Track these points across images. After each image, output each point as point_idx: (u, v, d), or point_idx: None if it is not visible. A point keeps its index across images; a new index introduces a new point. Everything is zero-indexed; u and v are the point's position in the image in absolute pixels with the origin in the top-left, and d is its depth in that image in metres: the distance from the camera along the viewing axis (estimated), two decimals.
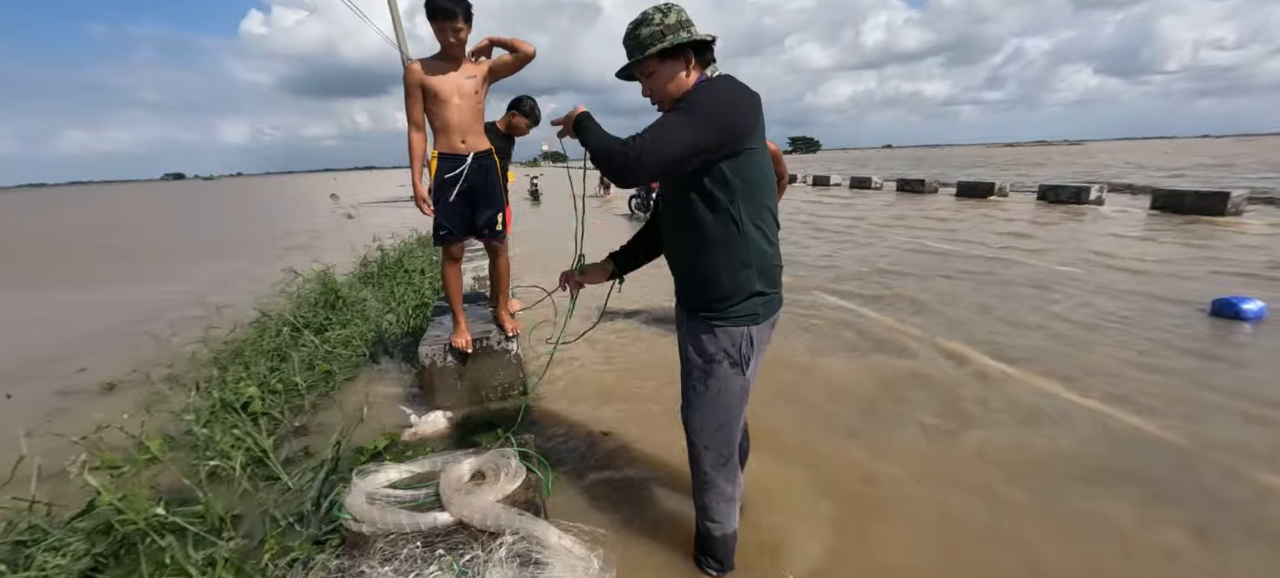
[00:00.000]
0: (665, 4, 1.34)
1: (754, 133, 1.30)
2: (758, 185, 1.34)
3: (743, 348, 1.40)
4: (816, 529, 1.95)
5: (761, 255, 1.37)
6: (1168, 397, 2.83)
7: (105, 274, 9.08)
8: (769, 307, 1.42)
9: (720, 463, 1.54)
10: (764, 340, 1.46)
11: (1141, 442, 2.45)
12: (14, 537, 1.83)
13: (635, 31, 1.34)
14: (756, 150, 1.32)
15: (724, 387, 1.45)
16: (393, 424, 2.76)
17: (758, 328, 1.41)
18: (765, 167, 1.36)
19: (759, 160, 1.34)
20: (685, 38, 1.30)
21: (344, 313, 4.29)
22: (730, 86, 1.29)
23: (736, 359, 1.42)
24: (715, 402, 1.47)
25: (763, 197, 1.36)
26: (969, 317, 4.22)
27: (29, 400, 3.51)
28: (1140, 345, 3.51)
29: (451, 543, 1.37)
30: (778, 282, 1.44)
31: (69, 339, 4.94)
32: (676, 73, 1.34)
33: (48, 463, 2.50)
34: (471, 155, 2.67)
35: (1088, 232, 8.05)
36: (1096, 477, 2.21)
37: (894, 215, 10.86)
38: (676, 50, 1.32)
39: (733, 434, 1.51)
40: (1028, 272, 5.60)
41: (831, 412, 2.81)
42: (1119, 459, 2.32)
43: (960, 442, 2.49)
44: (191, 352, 3.94)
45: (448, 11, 2.41)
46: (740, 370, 1.43)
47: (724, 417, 1.48)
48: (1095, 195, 11.27)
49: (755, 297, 1.38)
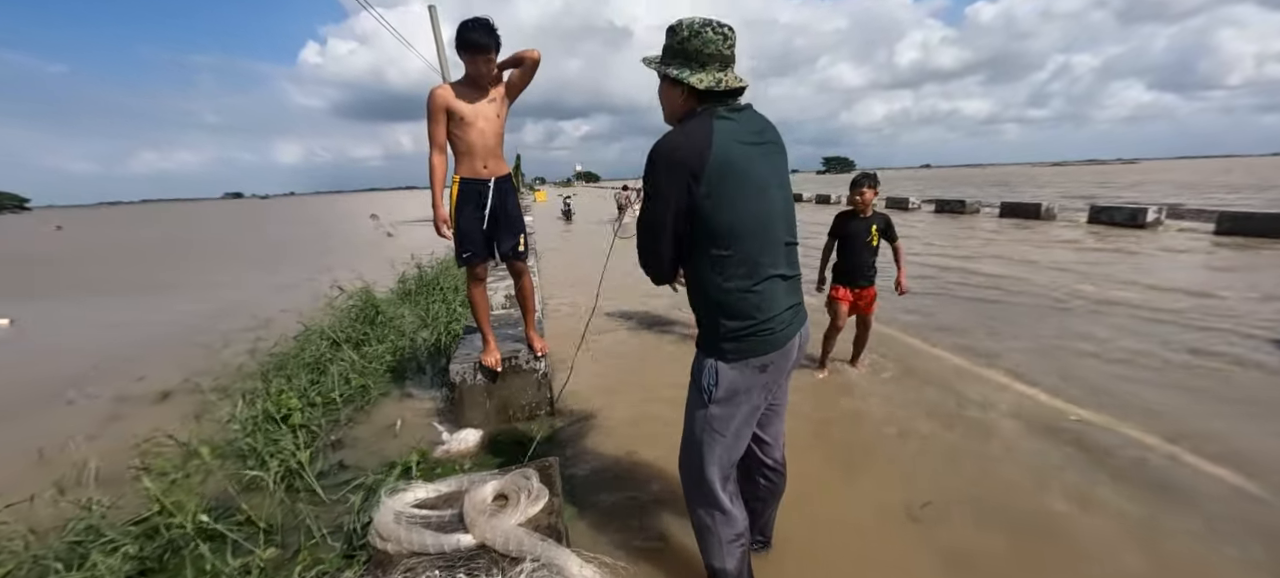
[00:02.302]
0: (702, 23, 1.32)
1: (700, 177, 1.27)
2: (727, 231, 1.31)
3: (707, 380, 1.42)
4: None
5: (723, 297, 1.35)
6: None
7: (168, 283, 9.68)
8: (741, 350, 1.37)
9: (691, 490, 1.54)
10: (743, 383, 1.40)
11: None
12: (71, 537, 1.94)
13: (668, 33, 1.36)
14: (717, 201, 1.29)
15: (691, 413, 1.49)
16: (425, 440, 2.81)
17: (727, 366, 1.39)
18: (742, 215, 1.31)
19: (727, 211, 1.30)
20: (672, 73, 1.34)
21: (381, 329, 4.43)
22: (670, 141, 1.32)
23: (702, 387, 1.43)
24: (685, 426, 1.52)
25: (738, 241, 1.32)
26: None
27: (92, 406, 3.74)
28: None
29: (472, 567, 1.38)
30: (757, 326, 1.36)
31: (133, 347, 5.28)
32: (674, 98, 1.40)
33: (105, 467, 2.66)
34: (494, 180, 2.72)
35: (1168, 262, 7.55)
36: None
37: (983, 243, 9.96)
38: (673, 80, 1.36)
39: (698, 463, 1.49)
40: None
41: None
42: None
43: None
44: (239, 363, 4.14)
45: (482, 45, 2.49)
46: (702, 402, 1.44)
47: (689, 441, 1.50)
48: (1152, 217, 10.68)
49: (727, 340, 1.37)
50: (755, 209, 1.33)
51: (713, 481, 1.49)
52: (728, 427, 1.46)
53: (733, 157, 1.29)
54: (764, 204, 1.35)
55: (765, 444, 1.66)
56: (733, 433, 1.47)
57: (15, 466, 2.87)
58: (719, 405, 1.42)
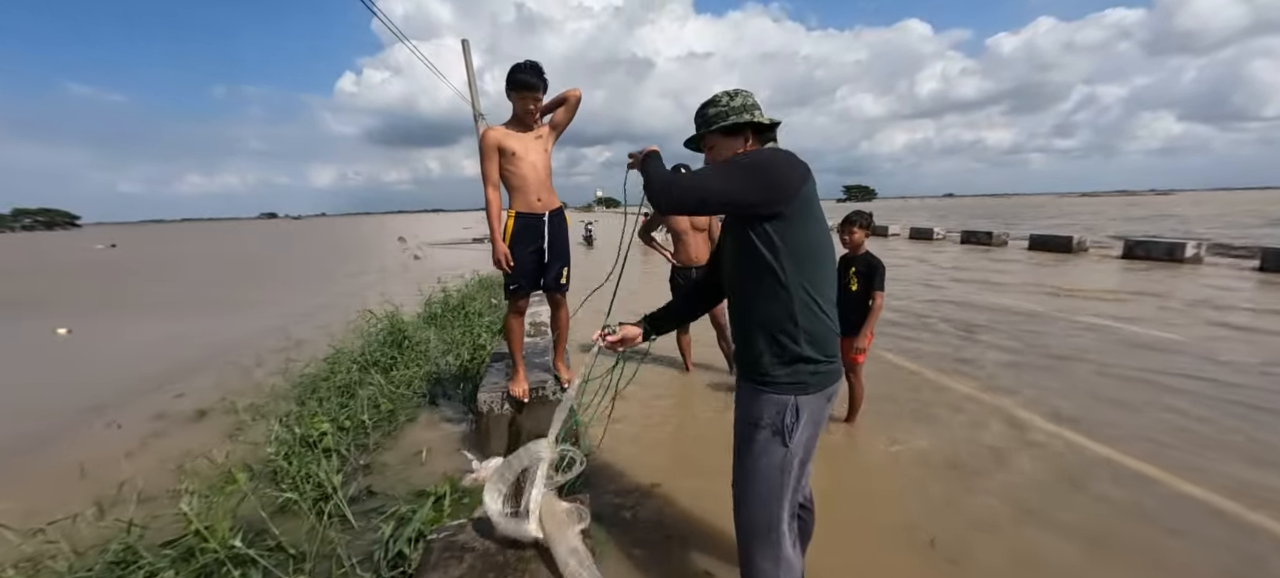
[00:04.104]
0: (734, 90, 1.47)
1: (796, 198, 1.31)
2: (806, 251, 1.34)
3: (786, 417, 1.37)
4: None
5: (811, 320, 1.35)
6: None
7: (213, 299, 10.02)
8: (821, 378, 1.38)
9: (759, 540, 1.46)
10: (818, 413, 1.41)
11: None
12: (108, 557, 1.97)
13: (704, 110, 1.48)
14: (801, 218, 1.33)
15: (764, 456, 1.41)
16: (454, 468, 2.82)
17: (806, 398, 1.37)
18: (818, 237, 1.36)
19: (808, 228, 1.34)
20: (746, 118, 1.43)
21: (409, 353, 4.49)
22: (774, 151, 1.37)
23: (778, 428, 1.38)
24: (754, 471, 1.44)
25: (814, 265, 1.35)
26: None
27: (132, 423, 3.85)
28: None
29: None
30: (832, 352, 1.40)
31: (173, 365, 5.44)
32: (735, 149, 1.44)
33: (145, 485, 2.72)
34: (548, 214, 2.79)
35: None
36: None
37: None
38: (737, 128, 1.45)
39: (773, 510, 1.43)
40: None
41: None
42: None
43: None
44: (271, 384, 4.23)
45: (532, 85, 2.59)
46: (781, 441, 1.38)
47: (763, 488, 1.43)
48: (1192, 253, 10.31)
49: (803, 363, 1.36)
50: (827, 239, 1.40)
51: (783, 528, 1.45)
52: (805, 467, 1.45)
53: (813, 184, 1.37)
54: (829, 237, 1.42)
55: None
56: (806, 473, 1.47)
57: (61, 483, 2.96)
58: (800, 445, 1.40)
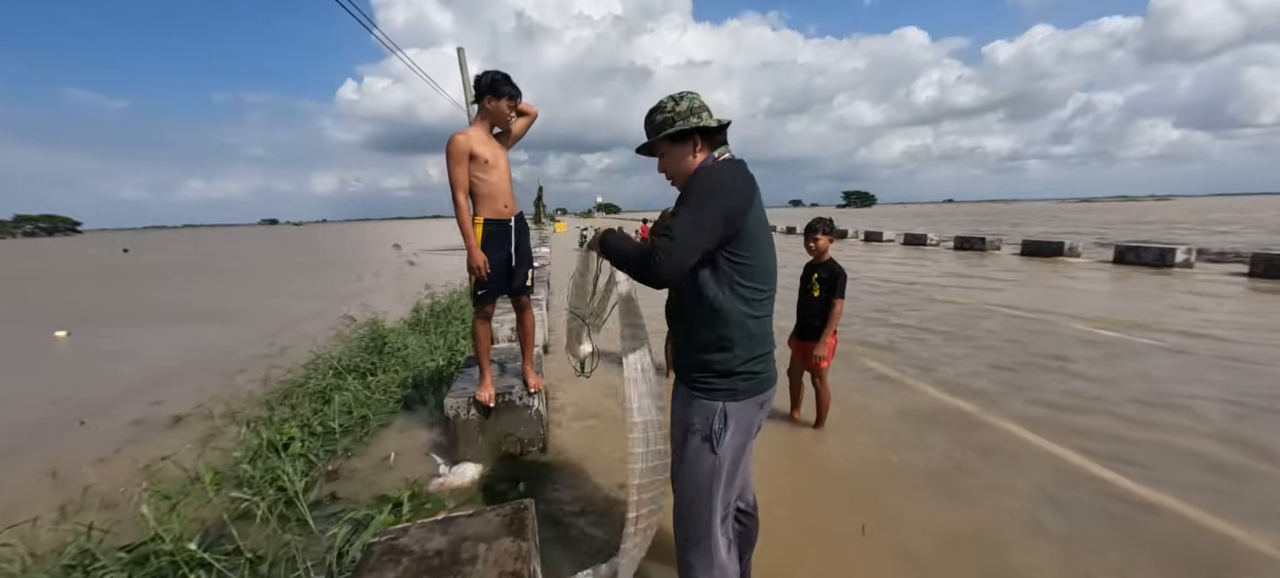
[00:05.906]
0: (679, 94, 1.46)
1: (747, 213, 1.34)
2: (749, 264, 1.36)
3: (715, 422, 1.38)
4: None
5: (746, 333, 1.37)
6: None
7: (213, 307, 10.04)
8: (752, 385, 1.40)
9: (691, 543, 1.47)
10: (749, 420, 1.42)
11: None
12: (64, 560, 1.98)
13: (651, 117, 1.48)
14: (750, 230, 1.35)
15: (696, 464, 1.42)
16: (422, 473, 2.82)
17: (736, 405, 1.39)
18: (761, 247, 1.38)
19: (753, 240, 1.36)
20: (693, 123, 1.42)
21: (388, 359, 4.50)
22: (722, 171, 1.37)
23: (706, 434, 1.39)
24: (685, 478, 1.45)
25: (755, 276, 1.37)
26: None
27: (109, 429, 3.87)
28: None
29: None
30: (765, 361, 1.42)
31: (155, 371, 5.46)
32: (685, 155, 1.45)
33: (112, 490, 2.73)
34: (513, 219, 2.84)
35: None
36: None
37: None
38: (684, 135, 1.43)
39: (702, 514, 1.44)
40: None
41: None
42: None
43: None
44: (250, 390, 4.24)
45: (517, 92, 2.68)
46: (711, 448, 1.39)
47: (691, 493, 1.44)
48: (1182, 258, 10.33)
49: (736, 375, 1.37)
50: (771, 248, 1.43)
51: (716, 534, 1.46)
52: (736, 472, 1.45)
53: (758, 195, 1.39)
54: (772, 244, 1.44)
55: (739, 490, 1.63)
56: (738, 478, 1.48)
57: (30, 486, 2.97)
58: (729, 450, 1.41)
